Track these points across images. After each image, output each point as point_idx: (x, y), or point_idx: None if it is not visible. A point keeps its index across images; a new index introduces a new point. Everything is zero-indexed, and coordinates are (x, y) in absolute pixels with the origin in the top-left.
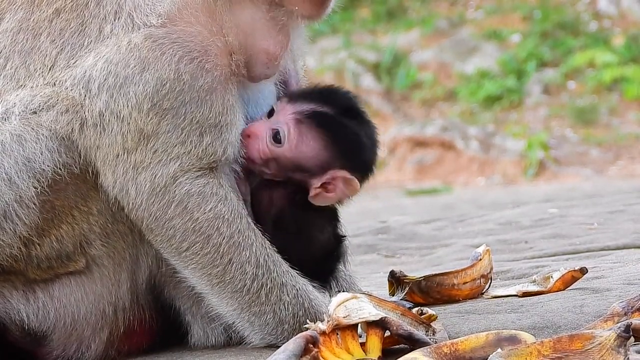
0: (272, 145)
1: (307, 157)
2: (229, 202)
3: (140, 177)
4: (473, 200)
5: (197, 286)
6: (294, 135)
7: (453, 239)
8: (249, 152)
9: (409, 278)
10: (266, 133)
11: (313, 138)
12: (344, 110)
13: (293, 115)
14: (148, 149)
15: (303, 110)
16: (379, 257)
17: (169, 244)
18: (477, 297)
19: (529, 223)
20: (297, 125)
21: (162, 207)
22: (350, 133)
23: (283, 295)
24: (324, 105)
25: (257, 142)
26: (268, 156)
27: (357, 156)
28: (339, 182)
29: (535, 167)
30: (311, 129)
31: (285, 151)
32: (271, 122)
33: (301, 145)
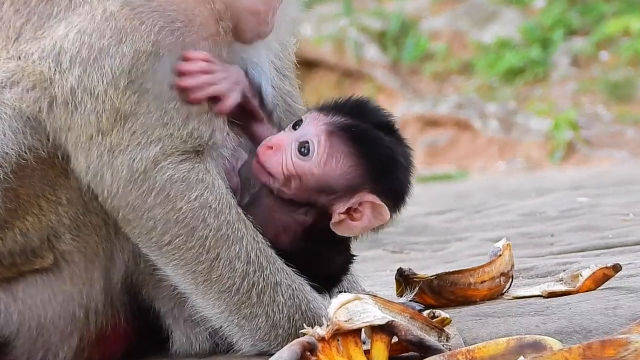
0: (298, 158)
1: (336, 176)
2: (217, 190)
3: (116, 162)
4: (492, 187)
5: (180, 285)
6: (324, 148)
7: (469, 232)
8: (269, 165)
9: (419, 277)
10: (292, 145)
11: (345, 153)
12: (379, 125)
13: (325, 127)
14: (125, 130)
15: (336, 122)
16: (384, 253)
17: (148, 237)
18: (496, 297)
19: (555, 214)
20: (329, 137)
21: (141, 195)
22: (385, 152)
23: (277, 296)
24: (358, 118)
25: (280, 154)
26: (292, 172)
27: (390, 179)
28: (366, 209)
29: (562, 149)
30: (344, 142)
31: (313, 166)
32: (298, 133)
33: (331, 161)
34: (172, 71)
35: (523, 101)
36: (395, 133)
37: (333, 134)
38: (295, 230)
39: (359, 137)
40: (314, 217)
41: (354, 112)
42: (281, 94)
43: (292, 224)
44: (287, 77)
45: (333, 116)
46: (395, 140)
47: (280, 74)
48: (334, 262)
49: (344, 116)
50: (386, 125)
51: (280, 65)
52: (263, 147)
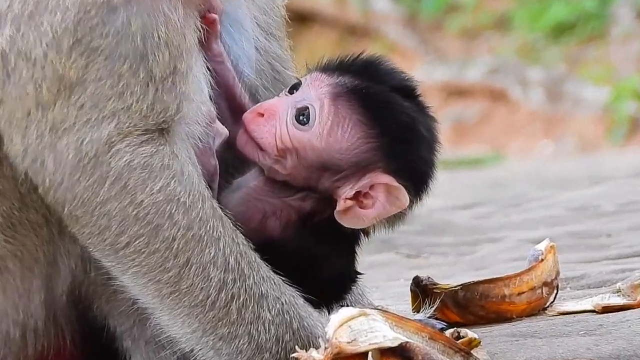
0: (296, 128)
1: (342, 150)
2: (187, 178)
3: (60, 144)
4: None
5: (141, 298)
6: (327, 115)
7: (503, 232)
8: (259, 137)
9: (440, 287)
10: (288, 111)
11: (353, 122)
12: (396, 89)
13: (329, 89)
14: (71, 104)
15: (343, 83)
16: (397, 258)
17: (100, 239)
18: (537, 313)
19: (613, 208)
20: (334, 101)
21: (91, 186)
22: (404, 120)
23: (262, 311)
24: (370, 80)
25: (273, 123)
26: (287, 145)
27: (410, 155)
28: (379, 193)
29: (624, 126)
30: (353, 107)
31: (314, 138)
32: (295, 97)
33: (336, 131)
34: (130, 26)
35: (574, 65)
36: (416, 99)
37: (339, 98)
38: (288, 217)
39: (372, 102)
40: (314, 203)
41: (364, 73)
42: (267, 58)
43: (285, 209)
44: (274, 37)
45: (339, 77)
46: (417, 108)
47: (266, 33)
48: (335, 267)
49: (352, 77)
50: (405, 89)
51: (266, 21)
52: (252, 114)
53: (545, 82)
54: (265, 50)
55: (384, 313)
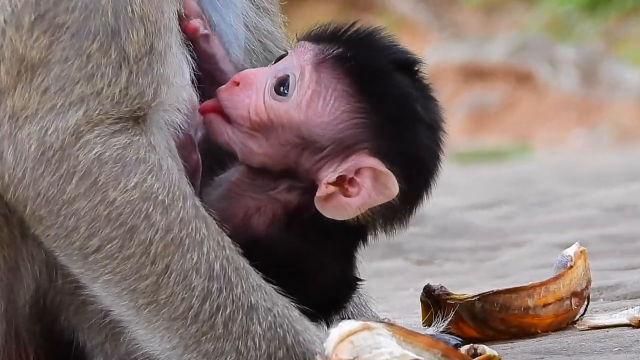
0: (273, 98)
1: (323, 123)
2: (165, 173)
3: (21, 134)
4: (563, 169)
5: (114, 310)
6: (308, 83)
7: (528, 234)
8: (231, 106)
9: (454, 297)
10: (267, 81)
11: (338, 92)
12: (394, 62)
13: (313, 55)
14: (34, 88)
15: (332, 51)
16: (406, 264)
17: (68, 242)
18: (565, 327)
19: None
20: (316, 68)
21: (57, 182)
22: (398, 95)
23: (252, 325)
24: (364, 50)
25: (248, 92)
26: (262, 117)
27: (403, 135)
28: (365, 178)
29: None
30: (337, 76)
31: (291, 108)
32: (277, 66)
33: (317, 102)
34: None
35: (612, 42)
36: (416, 76)
37: (323, 65)
38: (274, 213)
39: (361, 72)
40: (300, 197)
41: (358, 43)
42: (259, 36)
43: (269, 204)
44: (266, 12)
45: (327, 44)
46: (415, 84)
47: (257, 7)
48: (331, 271)
49: (342, 45)
50: (404, 63)
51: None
52: (227, 84)
53: (578, 62)
54: (255, 27)
55: (391, 327)
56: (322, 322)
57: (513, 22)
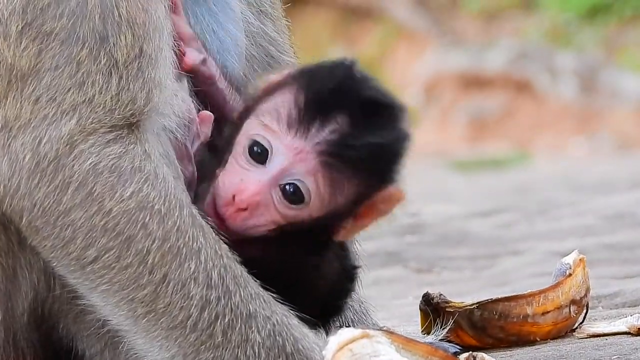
0: (289, 208)
1: (342, 204)
2: (161, 182)
3: (15, 144)
4: (563, 177)
5: (113, 319)
6: (324, 188)
7: (528, 242)
8: (248, 231)
9: (453, 305)
10: (273, 194)
11: (349, 179)
12: (366, 113)
13: (315, 158)
14: (25, 98)
15: (328, 147)
16: (406, 273)
17: (65, 252)
18: (564, 335)
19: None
20: (327, 172)
21: (52, 193)
22: (390, 150)
23: (251, 333)
24: (339, 107)
25: (260, 213)
26: (282, 223)
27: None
28: (377, 204)
29: None
30: (346, 169)
31: (313, 212)
32: (274, 171)
33: (336, 196)
34: (86, 4)
35: (612, 50)
36: (384, 116)
37: (331, 167)
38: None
39: (361, 156)
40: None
41: (333, 97)
42: (260, 41)
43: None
44: (267, 16)
45: (318, 134)
46: (388, 127)
47: (258, 11)
48: (327, 274)
49: (334, 130)
50: (376, 104)
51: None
52: (231, 209)
53: (578, 70)
54: (256, 32)
55: (390, 334)
56: (320, 329)
57: (513, 30)
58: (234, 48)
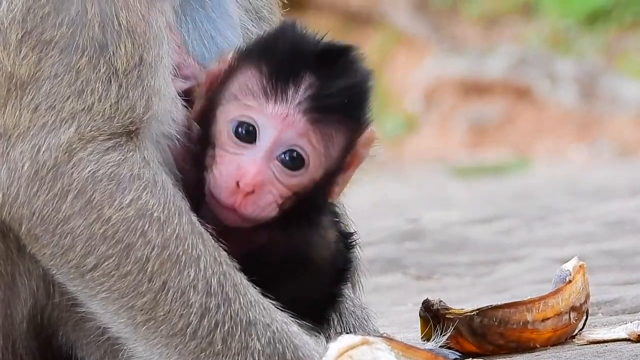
0: (290, 176)
1: (335, 158)
2: (160, 189)
3: (14, 152)
4: (563, 183)
5: (113, 326)
6: (318, 145)
7: (528, 249)
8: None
9: (453, 312)
10: (273, 169)
11: (337, 129)
12: (327, 62)
13: (302, 117)
14: (24, 106)
15: (310, 102)
16: (405, 280)
17: (64, 260)
18: (564, 342)
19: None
20: (317, 126)
21: (51, 201)
22: (363, 89)
23: (251, 340)
24: (302, 64)
25: (266, 191)
26: (287, 196)
27: (369, 104)
28: (359, 150)
29: None
30: (332, 119)
31: (313, 172)
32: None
33: (329, 150)
34: (86, 13)
35: (612, 56)
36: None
37: (319, 122)
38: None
39: (343, 99)
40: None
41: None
42: None
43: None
44: (266, 21)
45: (296, 93)
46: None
47: (257, 17)
48: (328, 243)
49: (310, 84)
50: (328, 56)
51: (254, 4)
52: (239, 197)
53: (578, 76)
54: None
55: (390, 341)
56: (320, 337)
57: (512, 36)
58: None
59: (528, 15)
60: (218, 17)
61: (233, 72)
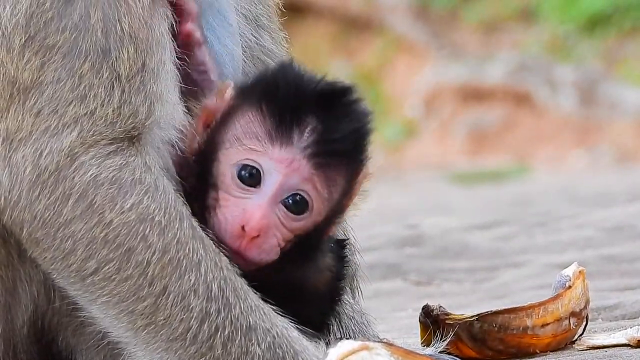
0: (294, 221)
1: (337, 200)
2: (162, 194)
3: (16, 157)
4: (563, 189)
5: (113, 331)
6: (322, 190)
7: (527, 255)
8: (262, 257)
9: (453, 317)
10: (278, 214)
11: (339, 173)
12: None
13: (308, 162)
14: (27, 110)
15: (315, 147)
16: (405, 285)
17: (65, 264)
18: (564, 347)
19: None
20: (321, 171)
21: (53, 204)
22: (365, 131)
23: (251, 346)
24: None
25: (270, 235)
26: (290, 239)
27: (368, 144)
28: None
29: None
30: (336, 163)
31: (316, 216)
32: (270, 190)
33: (332, 194)
34: (89, 19)
35: (611, 62)
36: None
37: (323, 166)
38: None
39: (348, 144)
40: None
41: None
42: (258, 55)
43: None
44: (264, 29)
45: (292, 136)
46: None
47: (256, 25)
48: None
49: (312, 131)
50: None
51: (254, 11)
52: (244, 240)
53: (578, 82)
54: (254, 46)
55: (390, 346)
56: (320, 342)
57: (512, 42)
58: (231, 62)
59: (527, 21)
60: (218, 24)
61: (233, 111)
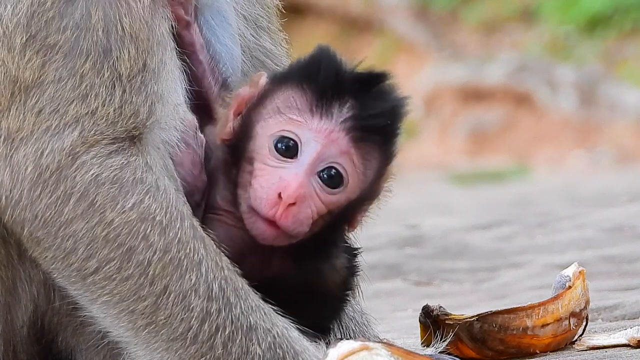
0: (328, 194)
1: (370, 182)
2: (163, 194)
3: (17, 156)
4: (563, 190)
5: (113, 331)
6: (358, 164)
7: (527, 255)
8: (296, 226)
9: (453, 318)
10: (313, 184)
11: (375, 151)
12: (365, 86)
13: (346, 135)
14: (28, 109)
15: (354, 121)
16: (405, 286)
17: (66, 263)
18: (564, 347)
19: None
20: (359, 145)
21: (54, 204)
22: (401, 113)
23: (252, 345)
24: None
25: (307, 204)
26: (322, 213)
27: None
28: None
29: None
30: (373, 140)
31: (350, 193)
32: (307, 160)
33: (366, 172)
34: (90, 18)
35: (611, 63)
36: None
37: (361, 141)
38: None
39: (385, 121)
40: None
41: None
42: (257, 55)
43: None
44: (264, 30)
45: (332, 110)
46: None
47: (255, 26)
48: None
49: (352, 105)
50: (366, 80)
51: (253, 12)
52: (280, 208)
53: (578, 83)
54: (253, 46)
55: (390, 347)
56: (320, 343)
57: (512, 43)
58: (230, 62)
59: (528, 21)
60: (217, 24)
61: (270, 93)
